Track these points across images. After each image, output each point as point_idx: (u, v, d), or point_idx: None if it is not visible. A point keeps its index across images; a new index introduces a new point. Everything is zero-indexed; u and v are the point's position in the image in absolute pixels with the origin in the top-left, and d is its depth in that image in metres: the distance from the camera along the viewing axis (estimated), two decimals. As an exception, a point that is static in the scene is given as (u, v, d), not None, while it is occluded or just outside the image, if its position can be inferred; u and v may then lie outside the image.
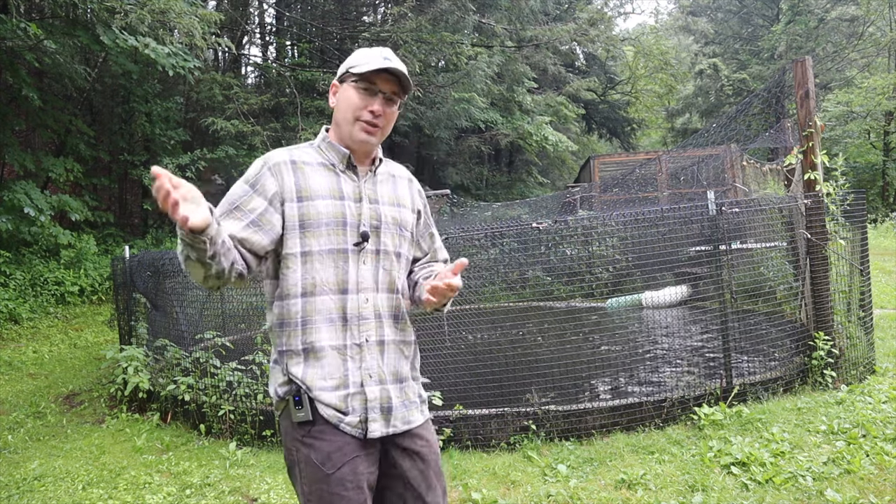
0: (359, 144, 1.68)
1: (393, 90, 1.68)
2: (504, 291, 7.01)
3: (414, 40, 14.48)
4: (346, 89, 1.68)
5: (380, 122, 1.67)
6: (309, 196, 1.62)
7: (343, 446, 1.57)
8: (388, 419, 1.63)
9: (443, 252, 1.94)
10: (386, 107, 1.67)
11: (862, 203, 5.17)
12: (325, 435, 1.57)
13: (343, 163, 1.69)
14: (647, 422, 4.15)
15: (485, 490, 3.35)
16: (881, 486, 3.07)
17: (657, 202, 11.38)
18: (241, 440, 4.52)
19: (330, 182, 1.66)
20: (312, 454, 1.57)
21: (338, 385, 1.59)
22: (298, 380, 1.59)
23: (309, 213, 1.61)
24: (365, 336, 1.63)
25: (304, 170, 1.65)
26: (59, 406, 5.97)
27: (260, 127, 13.55)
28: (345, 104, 1.68)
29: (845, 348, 4.83)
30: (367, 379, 1.62)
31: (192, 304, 5.97)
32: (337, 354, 1.60)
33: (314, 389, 1.58)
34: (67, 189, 12.24)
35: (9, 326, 9.03)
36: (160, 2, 8.42)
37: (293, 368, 1.60)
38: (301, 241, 1.61)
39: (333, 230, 1.62)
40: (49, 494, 3.75)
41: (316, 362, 1.60)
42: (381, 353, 1.66)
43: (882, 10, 26.12)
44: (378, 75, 1.64)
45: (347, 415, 1.58)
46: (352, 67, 1.66)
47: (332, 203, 1.63)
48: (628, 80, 32.62)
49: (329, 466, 1.55)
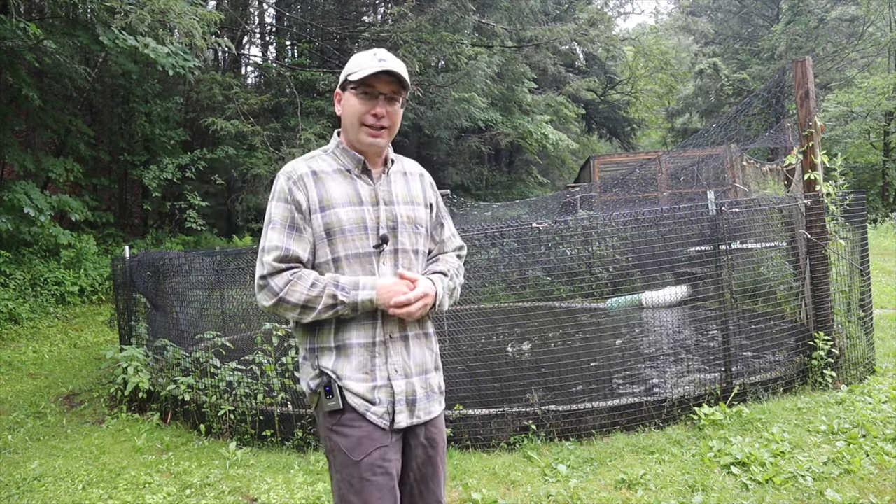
0: (367, 147, 1.73)
1: (392, 90, 1.71)
2: (504, 291, 7.01)
3: (414, 40, 14.48)
4: (347, 97, 1.73)
5: (385, 123, 1.72)
6: (331, 205, 1.69)
7: (371, 433, 1.65)
8: (412, 410, 1.72)
9: (454, 241, 1.97)
10: (388, 107, 1.72)
11: (862, 203, 5.17)
12: (354, 423, 1.66)
13: (358, 168, 1.75)
14: (647, 422, 4.15)
15: (485, 490, 3.35)
16: (881, 486, 3.07)
17: (657, 202, 11.37)
18: (241, 440, 4.52)
19: (348, 188, 1.72)
20: (342, 442, 1.65)
21: (365, 378, 1.67)
22: (329, 370, 1.68)
23: (332, 221, 1.68)
24: (389, 333, 1.71)
25: (323, 179, 1.72)
26: (59, 406, 5.97)
27: (260, 127, 13.55)
28: (349, 111, 1.73)
29: (845, 348, 4.82)
30: (394, 373, 1.70)
31: (192, 304, 5.96)
32: (365, 351, 1.69)
33: (343, 378, 1.67)
34: (67, 189, 12.24)
35: (9, 326, 9.03)
36: (160, 2, 8.42)
37: (324, 361, 1.70)
38: (329, 248, 1.69)
39: (357, 235, 1.69)
40: (49, 494, 3.75)
41: (345, 358, 1.68)
42: (407, 348, 1.74)
43: (882, 10, 26.12)
44: (376, 78, 1.68)
45: (374, 405, 1.67)
46: (350, 74, 1.71)
47: (352, 209, 1.70)
48: (628, 80, 32.62)
49: (358, 453, 1.64)
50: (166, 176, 12.74)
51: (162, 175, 12.70)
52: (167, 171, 12.78)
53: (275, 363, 4.68)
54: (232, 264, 6.01)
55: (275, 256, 1.65)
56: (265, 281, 1.65)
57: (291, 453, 4.25)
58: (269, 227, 1.69)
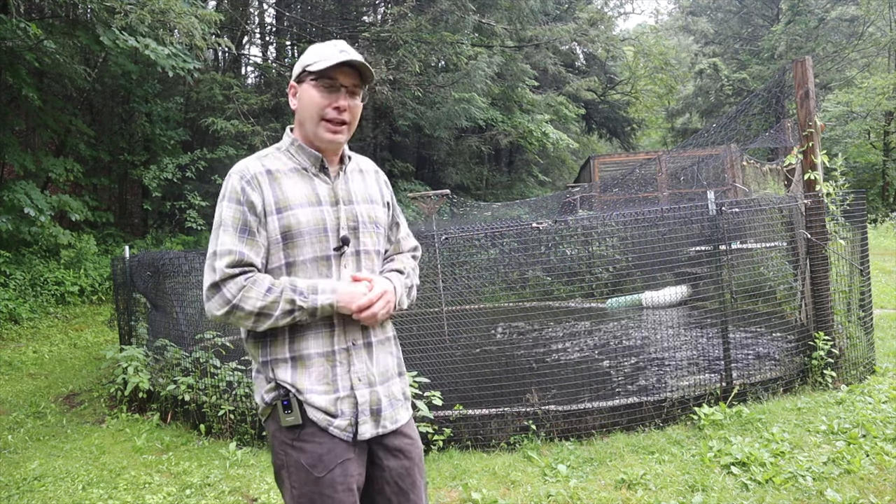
0: (327, 144, 1.64)
1: (354, 83, 1.64)
2: (504, 291, 7.01)
3: (414, 40, 14.48)
4: (305, 89, 1.62)
5: (346, 118, 1.63)
6: (288, 206, 1.59)
7: (333, 448, 1.56)
8: (377, 420, 1.63)
9: (409, 241, 1.89)
10: (350, 100, 1.63)
11: (862, 203, 5.17)
12: (315, 438, 1.56)
13: (316, 166, 1.66)
14: (647, 422, 4.15)
15: (485, 490, 3.35)
16: (881, 486, 3.07)
17: (657, 202, 11.37)
18: (241, 440, 4.52)
19: (305, 188, 1.63)
20: (302, 458, 1.56)
21: (327, 389, 1.58)
22: (287, 384, 1.57)
23: (290, 223, 1.58)
24: (352, 340, 1.62)
25: (279, 179, 1.61)
26: (59, 406, 5.97)
27: (260, 127, 13.55)
28: (307, 104, 1.62)
29: (845, 348, 4.82)
30: (357, 382, 1.61)
31: (192, 304, 5.96)
32: (325, 361, 1.59)
33: (304, 392, 1.56)
34: (67, 189, 12.24)
35: (9, 326, 9.03)
36: (160, 2, 8.42)
37: (280, 374, 1.58)
38: (284, 252, 1.59)
39: (316, 238, 1.60)
40: (49, 494, 3.75)
41: (304, 369, 1.58)
42: (370, 355, 1.65)
43: (882, 10, 26.12)
44: (337, 70, 1.60)
45: (337, 417, 1.57)
46: (308, 66, 1.61)
47: (310, 210, 1.60)
48: (628, 80, 32.60)
49: (320, 469, 1.54)
50: (166, 176, 12.74)
51: (162, 175, 12.70)
52: (167, 171, 12.78)
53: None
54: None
55: (228, 262, 1.53)
56: (217, 288, 1.53)
57: (291, 453, 4.24)
58: (221, 229, 1.56)
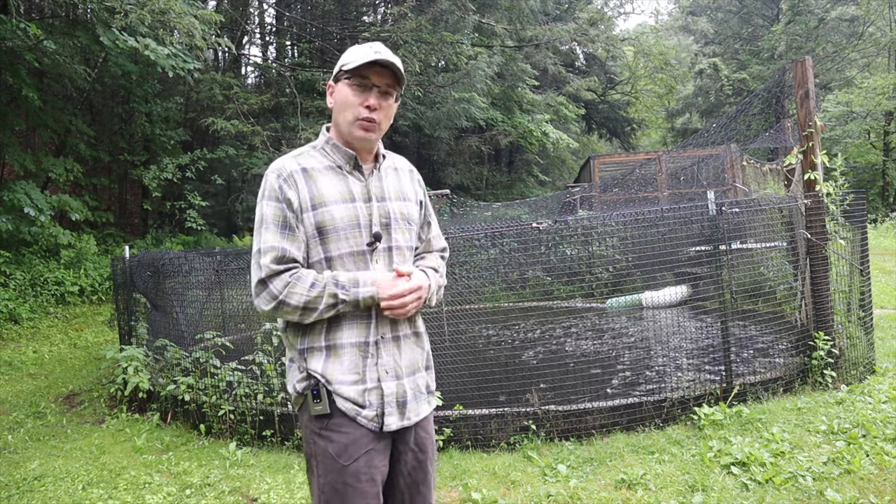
0: (359, 142, 1.69)
1: (387, 83, 1.67)
2: (504, 291, 7.01)
3: (414, 40, 14.48)
4: (340, 88, 1.68)
5: (377, 117, 1.66)
6: (323, 203, 1.64)
7: (359, 438, 1.62)
8: (403, 413, 1.68)
9: (439, 241, 1.93)
10: (382, 100, 1.67)
11: (862, 203, 5.17)
12: (343, 427, 1.62)
13: (350, 164, 1.71)
14: (647, 422, 4.15)
15: (485, 490, 3.35)
16: (881, 486, 3.07)
17: (657, 202, 11.37)
18: (241, 440, 4.52)
19: (339, 185, 1.68)
20: (329, 446, 1.62)
21: (356, 380, 1.63)
22: (318, 374, 1.63)
23: (325, 219, 1.63)
24: (381, 333, 1.67)
25: (314, 177, 1.67)
26: (59, 406, 5.97)
27: (260, 127, 13.56)
28: (341, 103, 1.68)
29: (845, 348, 4.82)
30: (384, 375, 1.66)
31: (192, 304, 5.97)
32: (357, 351, 1.64)
33: (333, 382, 1.62)
34: (67, 189, 12.25)
35: (9, 326, 9.03)
36: (160, 2, 8.42)
37: (312, 364, 1.64)
38: (322, 247, 1.65)
39: (350, 233, 1.65)
40: (49, 494, 3.75)
41: (336, 358, 1.64)
42: (398, 349, 1.70)
43: (882, 10, 26.13)
44: (370, 68, 1.64)
45: (364, 408, 1.63)
46: (344, 65, 1.66)
47: (344, 207, 1.65)
48: (628, 80, 32.61)
49: (345, 458, 1.60)
50: (166, 176, 12.75)
51: (162, 175, 12.70)
52: (167, 171, 12.79)
53: (275, 363, 4.68)
54: (232, 264, 6.01)
55: (272, 258, 1.60)
56: (264, 284, 1.60)
57: (291, 453, 4.25)
58: (263, 227, 1.63)
